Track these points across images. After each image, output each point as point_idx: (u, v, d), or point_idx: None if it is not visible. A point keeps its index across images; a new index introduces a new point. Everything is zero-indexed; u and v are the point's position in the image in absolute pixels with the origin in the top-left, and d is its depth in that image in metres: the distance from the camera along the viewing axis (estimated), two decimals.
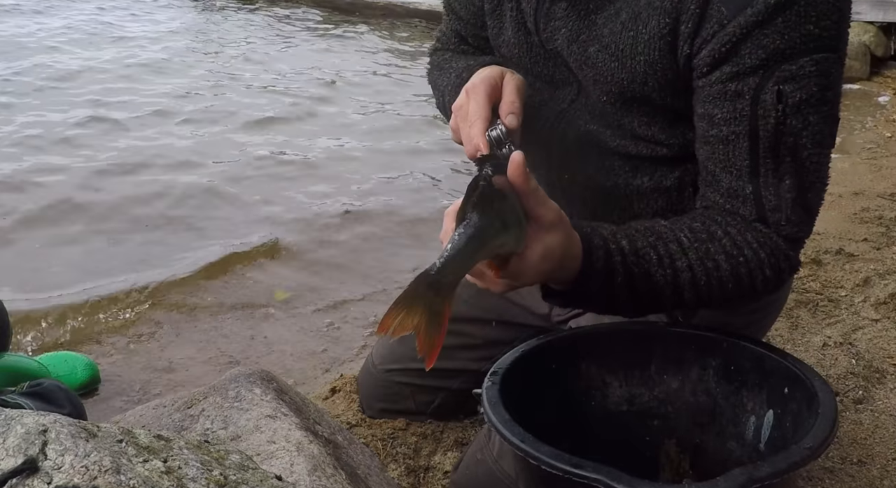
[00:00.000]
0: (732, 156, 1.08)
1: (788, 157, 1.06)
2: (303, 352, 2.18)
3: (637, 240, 1.08)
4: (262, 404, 1.21)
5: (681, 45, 1.08)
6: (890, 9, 4.95)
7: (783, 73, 1.03)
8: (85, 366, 1.94)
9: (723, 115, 1.07)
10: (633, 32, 1.11)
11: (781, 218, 1.08)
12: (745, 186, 1.09)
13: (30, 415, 0.89)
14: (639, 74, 1.13)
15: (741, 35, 1.03)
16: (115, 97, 4.28)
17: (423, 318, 0.86)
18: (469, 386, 1.43)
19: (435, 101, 1.45)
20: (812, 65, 1.03)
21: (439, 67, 1.43)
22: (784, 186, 1.07)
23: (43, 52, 5.09)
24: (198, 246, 2.75)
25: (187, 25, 6.20)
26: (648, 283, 1.07)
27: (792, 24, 1.01)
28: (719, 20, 1.04)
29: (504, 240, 0.90)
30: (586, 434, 1.20)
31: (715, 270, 1.08)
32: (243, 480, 0.90)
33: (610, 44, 1.14)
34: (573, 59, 1.19)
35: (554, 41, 1.21)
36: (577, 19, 1.17)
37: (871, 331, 2.13)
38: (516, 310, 1.60)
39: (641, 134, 1.20)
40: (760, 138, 1.06)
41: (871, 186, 3.21)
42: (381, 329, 0.84)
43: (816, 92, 1.04)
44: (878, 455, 1.68)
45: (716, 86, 1.07)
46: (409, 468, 1.61)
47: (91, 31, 5.76)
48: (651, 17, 1.09)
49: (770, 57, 1.03)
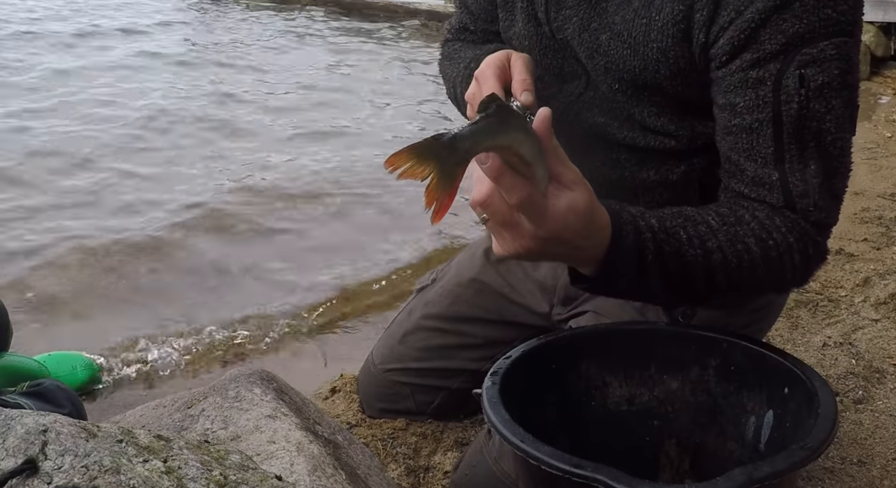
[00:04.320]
0: (756, 144, 1.07)
1: (812, 142, 1.05)
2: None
3: (666, 219, 1.05)
4: (262, 404, 1.21)
5: (696, 33, 1.08)
6: (890, 9, 4.95)
7: (804, 57, 1.02)
8: (85, 366, 1.94)
9: (745, 104, 1.06)
10: (646, 19, 1.11)
11: (809, 203, 1.07)
12: (770, 173, 1.07)
13: (30, 415, 0.89)
14: (651, 62, 1.12)
15: (760, 21, 1.02)
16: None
17: (434, 173, 0.82)
18: (469, 385, 1.44)
19: (446, 90, 1.46)
20: (832, 48, 1.03)
21: (449, 58, 1.44)
22: (810, 171, 1.06)
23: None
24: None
25: (188, 28, 6.19)
26: (680, 263, 1.04)
27: (810, 8, 1.01)
28: (736, 7, 1.03)
29: (525, 139, 0.88)
30: (586, 434, 1.20)
31: (746, 252, 1.05)
32: (243, 480, 0.90)
33: (622, 31, 1.14)
34: (584, 48, 1.19)
35: (564, 30, 1.21)
36: (588, 7, 1.17)
37: (871, 331, 2.13)
38: (516, 308, 1.60)
39: (650, 125, 1.19)
40: (784, 124, 1.05)
41: (871, 186, 3.21)
42: (388, 164, 0.79)
43: (838, 75, 1.04)
44: (878, 455, 1.68)
45: (736, 74, 1.06)
46: (409, 468, 1.61)
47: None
48: (664, 4, 1.09)
49: (790, 41, 1.02)
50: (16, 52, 4.98)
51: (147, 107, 4.10)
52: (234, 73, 4.91)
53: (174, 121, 3.94)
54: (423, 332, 1.68)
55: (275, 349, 2.20)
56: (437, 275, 1.73)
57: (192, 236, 2.80)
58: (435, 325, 1.67)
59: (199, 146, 3.68)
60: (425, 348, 1.68)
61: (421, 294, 1.73)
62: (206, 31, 6.08)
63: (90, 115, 3.96)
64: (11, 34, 5.37)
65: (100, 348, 2.11)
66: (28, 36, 5.38)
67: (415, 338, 1.69)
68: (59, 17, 6.02)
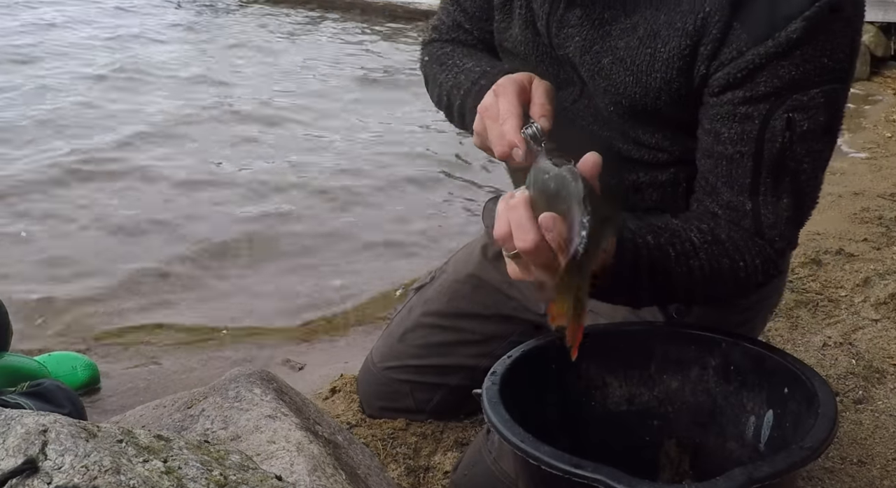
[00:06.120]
0: (735, 173, 1.11)
1: (788, 179, 1.10)
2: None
3: (660, 235, 1.11)
4: (262, 404, 1.21)
5: (698, 66, 1.09)
6: (890, 9, 4.95)
7: (794, 102, 1.06)
8: (85, 365, 1.94)
9: (730, 135, 1.10)
10: (651, 50, 1.11)
11: (776, 234, 1.13)
12: (745, 202, 1.12)
13: (30, 415, 0.89)
14: (653, 90, 1.13)
15: (759, 64, 1.05)
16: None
17: (573, 298, 0.87)
18: (467, 382, 1.44)
19: (429, 93, 1.43)
20: (822, 96, 1.06)
21: (440, 61, 1.40)
22: (782, 205, 1.11)
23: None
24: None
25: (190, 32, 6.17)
26: (667, 278, 1.10)
27: (809, 57, 1.04)
28: (738, 47, 1.05)
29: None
30: (586, 434, 1.20)
31: (720, 271, 1.12)
32: (243, 480, 0.90)
33: (625, 57, 1.14)
34: (585, 68, 1.19)
35: (565, 47, 1.21)
36: (592, 28, 1.17)
37: (871, 331, 2.13)
38: (514, 304, 1.61)
39: (644, 141, 1.21)
40: (764, 160, 1.09)
41: (871, 186, 3.21)
42: (553, 320, 0.87)
43: (823, 122, 1.08)
44: (878, 455, 1.69)
45: (726, 106, 1.09)
46: (409, 468, 1.61)
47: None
48: (671, 38, 1.09)
49: (784, 86, 1.05)
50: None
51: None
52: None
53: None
54: (422, 329, 1.69)
55: (275, 349, 2.20)
56: (435, 274, 1.75)
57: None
58: (434, 322, 1.68)
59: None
60: (424, 345, 1.68)
61: (420, 292, 1.74)
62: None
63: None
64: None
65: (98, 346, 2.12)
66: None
67: (414, 335, 1.69)
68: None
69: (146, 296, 2.43)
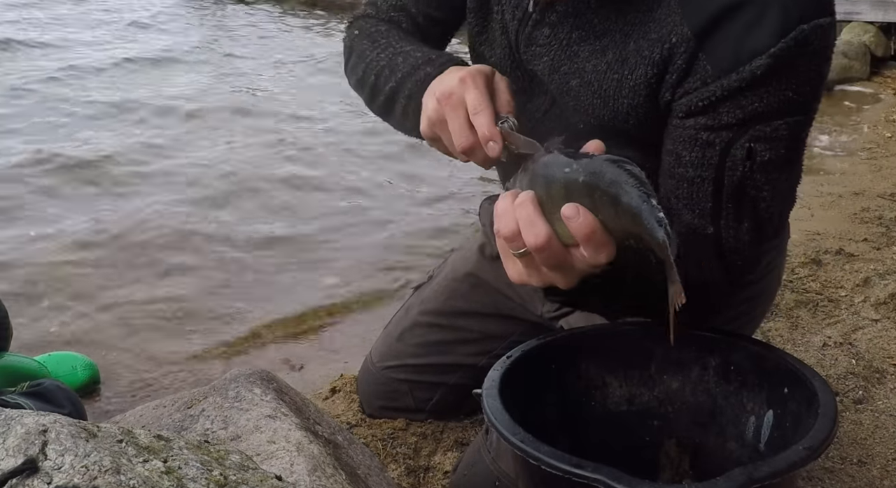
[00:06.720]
0: (696, 196, 1.11)
1: (749, 205, 1.10)
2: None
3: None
4: (262, 404, 1.21)
5: (663, 92, 1.09)
6: (890, 9, 4.94)
7: (757, 132, 1.05)
8: (85, 365, 1.94)
9: (690, 159, 1.09)
10: (619, 75, 1.11)
11: (738, 258, 1.13)
12: (706, 226, 1.12)
13: (30, 415, 0.89)
14: (621, 113, 1.13)
15: (722, 96, 1.04)
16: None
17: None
18: (467, 381, 1.44)
19: (348, 69, 1.34)
20: (785, 128, 1.05)
21: (371, 38, 1.31)
22: (743, 229, 1.11)
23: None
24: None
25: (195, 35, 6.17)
26: (647, 286, 1.08)
27: (773, 91, 1.02)
28: (703, 77, 1.04)
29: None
30: (586, 434, 1.20)
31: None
32: (243, 480, 0.90)
33: (593, 81, 1.13)
34: (554, 86, 1.19)
35: (534, 64, 1.20)
36: (560, 49, 1.15)
37: (871, 331, 2.13)
38: (512, 303, 1.61)
39: (615, 155, 1.20)
40: (725, 186, 1.08)
41: (871, 186, 3.21)
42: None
43: (784, 153, 1.07)
44: (878, 455, 1.69)
45: (688, 130, 1.08)
46: (409, 468, 1.61)
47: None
48: (638, 65, 1.09)
49: (747, 117, 1.04)
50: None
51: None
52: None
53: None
54: (420, 328, 1.69)
55: (275, 349, 2.20)
56: (433, 273, 1.75)
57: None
58: (431, 321, 1.68)
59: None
60: (422, 344, 1.69)
61: (418, 291, 1.75)
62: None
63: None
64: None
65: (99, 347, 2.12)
66: None
67: (412, 334, 1.70)
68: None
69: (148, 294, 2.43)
